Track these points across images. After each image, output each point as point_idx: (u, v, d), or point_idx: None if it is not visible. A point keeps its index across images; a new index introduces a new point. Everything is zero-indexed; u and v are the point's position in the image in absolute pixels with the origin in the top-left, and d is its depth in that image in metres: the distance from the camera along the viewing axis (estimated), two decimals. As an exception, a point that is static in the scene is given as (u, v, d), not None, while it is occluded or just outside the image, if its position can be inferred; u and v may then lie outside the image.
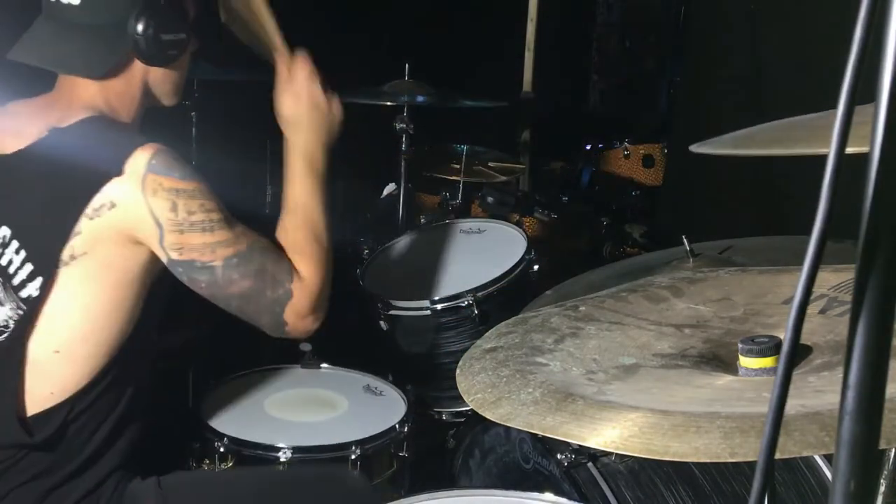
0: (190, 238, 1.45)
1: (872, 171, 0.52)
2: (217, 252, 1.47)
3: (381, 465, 1.99)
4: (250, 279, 1.51)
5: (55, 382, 1.46)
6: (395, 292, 2.49)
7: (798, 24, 3.23)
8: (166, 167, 1.44)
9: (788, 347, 0.56)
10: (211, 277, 1.48)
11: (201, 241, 1.46)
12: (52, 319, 1.44)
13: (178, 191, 1.44)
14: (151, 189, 1.42)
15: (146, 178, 1.42)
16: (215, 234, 1.47)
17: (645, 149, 4.34)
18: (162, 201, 1.42)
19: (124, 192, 1.42)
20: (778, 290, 1.13)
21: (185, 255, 1.46)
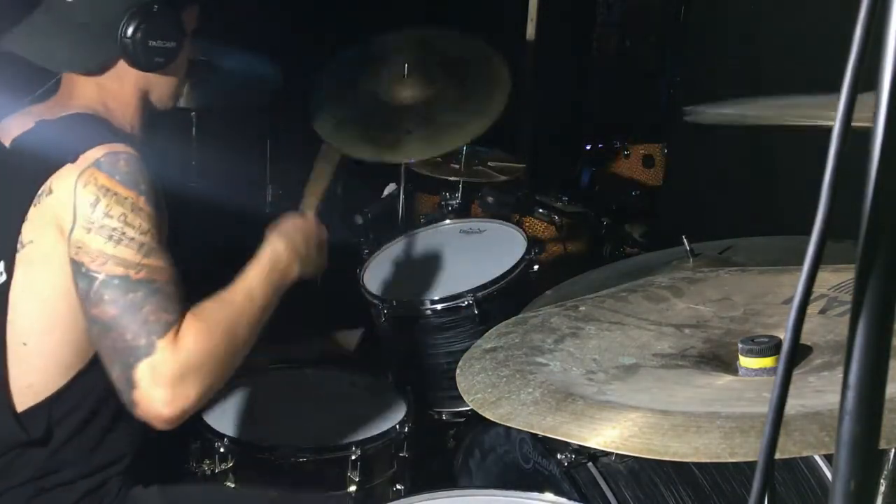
0: (91, 240, 1.35)
1: (872, 171, 0.52)
2: (106, 265, 1.34)
3: (381, 465, 1.98)
4: (117, 308, 1.33)
5: (31, 375, 1.45)
6: (395, 292, 2.49)
7: (798, 24, 3.23)
8: (112, 168, 1.38)
9: (788, 347, 0.56)
10: (86, 287, 1.34)
11: (100, 248, 1.34)
12: (15, 309, 1.44)
13: (108, 190, 1.36)
14: (84, 180, 1.37)
15: (86, 170, 1.38)
16: (118, 247, 1.34)
17: (645, 149, 4.34)
18: (88, 194, 1.36)
19: (61, 178, 1.39)
20: (778, 290, 1.13)
21: (79, 255, 1.35)
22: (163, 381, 1.32)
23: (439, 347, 2.43)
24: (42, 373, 1.46)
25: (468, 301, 2.35)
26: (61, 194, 1.39)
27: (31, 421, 1.46)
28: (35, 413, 1.46)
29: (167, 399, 1.32)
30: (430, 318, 2.41)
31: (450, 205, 3.09)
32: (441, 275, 2.55)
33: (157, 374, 1.32)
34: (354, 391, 2.19)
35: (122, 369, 1.33)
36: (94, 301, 1.34)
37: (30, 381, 1.46)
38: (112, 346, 1.34)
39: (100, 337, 1.35)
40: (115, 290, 1.34)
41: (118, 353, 1.33)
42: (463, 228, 2.76)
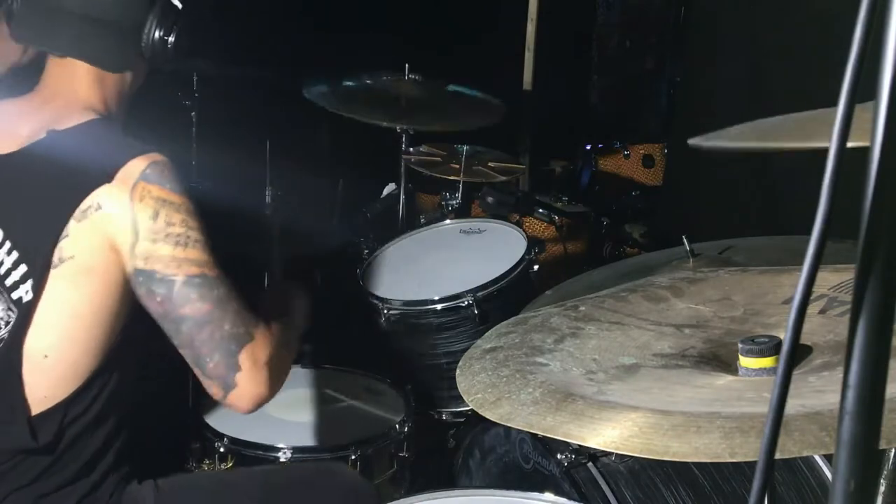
0: (160, 248, 1.41)
1: (872, 171, 0.52)
2: (182, 268, 1.41)
3: (381, 465, 1.99)
4: (210, 303, 1.42)
5: (47, 386, 1.45)
6: (395, 292, 2.49)
7: (798, 24, 3.24)
8: (159, 177, 1.43)
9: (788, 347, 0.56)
10: (167, 292, 1.41)
11: (170, 253, 1.41)
12: (42, 323, 1.44)
13: (164, 201, 1.42)
14: (139, 195, 1.41)
15: (137, 185, 1.41)
16: (187, 250, 1.42)
17: (645, 149, 4.34)
18: (146, 208, 1.41)
19: (112, 196, 1.41)
20: (778, 290, 1.13)
21: (149, 264, 1.41)
22: (263, 362, 1.44)
23: (439, 347, 2.43)
24: (58, 381, 1.46)
25: (468, 301, 2.35)
26: (116, 212, 1.41)
27: (41, 427, 1.46)
28: (48, 418, 1.46)
29: (266, 379, 1.45)
30: (430, 318, 2.41)
31: (450, 205, 3.09)
32: (441, 275, 2.55)
33: (258, 357, 1.44)
34: (354, 391, 2.19)
35: (224, 356, 1.42)
36: (181, 301, 1.41)
37: (45, 391, 1.46)
38: (210, 338, 1.42)
39: (192, 333, 1.42)
40: (200, 287, 1.42)
41: (218, 342, 1.42)
42: (463, 228, 2.76)
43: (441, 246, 2.70)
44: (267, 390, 1.46)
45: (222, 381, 1.43)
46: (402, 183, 3.30)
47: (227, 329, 1.42)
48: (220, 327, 1.42)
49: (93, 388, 1.48)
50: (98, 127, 1.50)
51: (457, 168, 3.09)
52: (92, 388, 1.48)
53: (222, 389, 1.44)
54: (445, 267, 2.59)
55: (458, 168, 3.08)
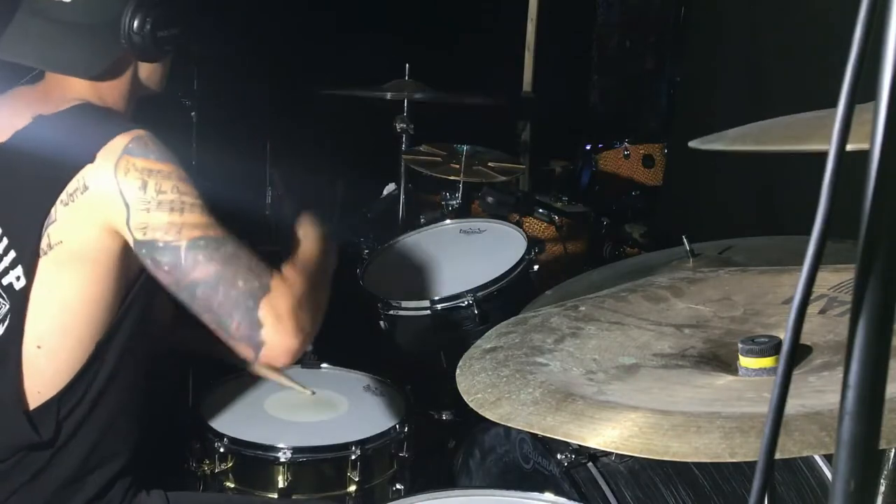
0: (156, 217, 1.38)
1: (872, 171, 0.52)
2: (183, 232, 1.38)
3: (381, 465, 1.98)
4: (218, 263, 1.38)
5: (40, 380, 1.45)
6: (395, 292, 2.49)
7: (798, 24, 3.24)
8: (143, 149, 1.40)
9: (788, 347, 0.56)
10: (173, 259, 1.38)
11: (167, 220, 1.38)
12: (34, 312, 1.43)
13: (150, 171, 1.39)
14: (123, 169, 1.39)
15: (120, 159, 1.39)
16: (184, 215, 1.39)
17: (645, 149, 4.35)
18: (132, 180, 1.38)
19: (97, 174, 1.39)
20: (778, 290, 1.13)
21: (148, 234, 1.38)
22: (286, 313, 1.40)
23: (439, 347, 2.43)
24: (52, 374, 1.45)
25: (468, 301, 2.35)
26: (102, 188, 1.39)
27: (40, 421, 1.45)
28: (44, 412, 1.45)
29: (293, 329, 1.40)
30: (429, 318, 2.41)
31: (450, 205, 3.09)
32: (441, 275, 2.55)
33: (279, 308, 1.39)
34: (354, 391, 2.19)
35: (243, 315, 1.38)
36: (189, 266, 1.38)
37: (40, 386, 1.45)
38: (226, 298, 1.38)
39: (208, 296, 1.39)
40: (205, 249, 1.39)
41: (234, 301, 1.38)
42: (463, 228, 2.76)
43: (441, 246, 2.70)
44: (297, 339, 1.41)
45: (249, 341, 1.39)
46: (402, 183, 3.30)
47: (241, 285, 1.39)
48: (234, 285, 1.38)
49: (83, 381, 1.47)
50: (83, 111, 1.48)
51: (457, 168, 3.09)
52: (83, 379, 1.47)
53: (252, 349, 1.40)
54: (445, 267, 2.59)
55: (458, 168, 3.09)
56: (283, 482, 1.88)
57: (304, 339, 1.42)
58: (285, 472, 1.88)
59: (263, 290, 1.40)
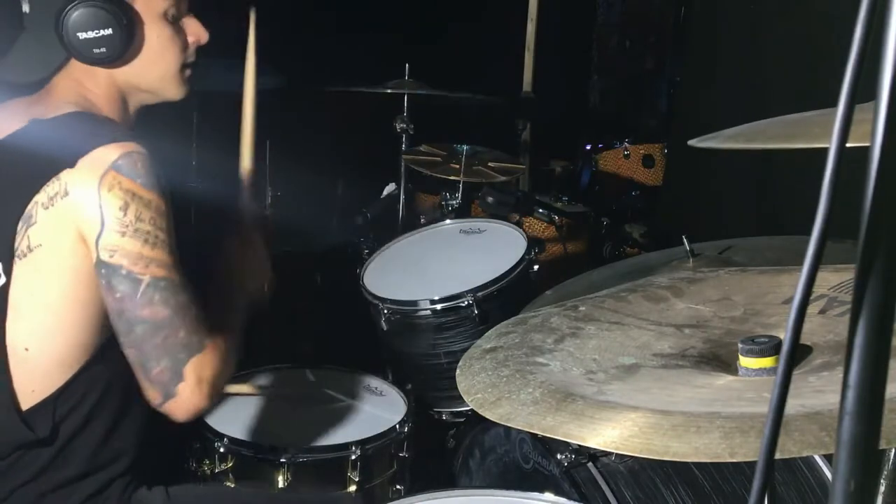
0: (128, 243, 1.37)
1: (872, 171, 0.52)
2: (150, 267, 1.38)
3: (381, 465, 1.99)
4: (170, 309, 1.39)
5: (34, 380, 1.45)
6: (395, 292, 2.49)
7: (798, 24, 3.24)
8: (132, 170, 1.38)
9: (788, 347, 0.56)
10: (130, 290, 1.38)
11: (139, 250, 1.37)
12: (18, 314, 1.43)
13: (135, 195, 1.38)
14: (108, 185, 1.37)
15: (107, 173, 1.37)
16: (155, 250, 1.38)
17: (645, 149, 4.35)
18: (115, 199, 1.37)
19: (80, 182, 1.38)
20: (778, 290, 1.13)
21: (115, 259, 1.37)
22: (207, 377, 1.42)
23: (439, 347, 2.43)
24: (45, 376, 1.45)
25: (468, 301, 2.35)
26: (82, 199, 1.38)
27: (36, 420, 1.45)
28: (39, 411, 1.45)
29: (207, 394, 1.43)
30: (430, 318, 2.41)
31: (450, 205, 3.09)
32: (441, 275, 2.55)
33: (203, 370, 1.42)
34: (354, 391, 2.19)
35: (170, 364, 1.40)
36: (143, 302, 1.38)
37: (33, 384, 1.45)
38: (162, 344, 1.39)
39: (146, 335, 1.39)
40: (163, 291, 1.39)
41: (168, 349, 1.40)
42: (463, 228, 2.76)
43: (441, 246, 2.70)
44: (206, 404, 1.44)
45: (163, 389, 1.41)
46: (402, 183, 3.30)
47: (182, 337, 1.40)
48: (175, 334, 1.40)
49: (83, 382, 1.46)
50: (78, 117, 1.47)
51: (457, 168, 3.09)
52: (81, 381, 1.46)
53: (161, 396, 1.42)
54: (445, 267, 2.59)
55: (458, 168, 3.09)
56: (283, 482, 1.89)
57: (209, 406, 1.46)
58: (285, 472, 1.89)
59: (198, 348, 1.42)
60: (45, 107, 1.49)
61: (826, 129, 0.84)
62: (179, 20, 1.56)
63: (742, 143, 0.99)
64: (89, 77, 1.52)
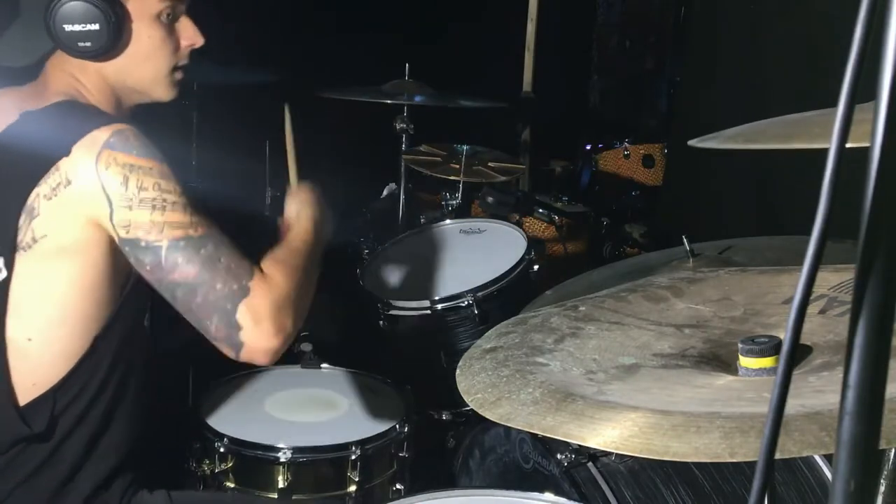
0: (138, 215, 1.38)
1: (872, 171, 0.52)
2: (164, 232, 1.38)
3: (381, 465, 1.99)
4: (197, 265, 1.38)
5: (35, 372, 1.45)
6: (395, 292, 2.49)
7: (798, 24, 3.24)
8: (124, 144, 1.39)
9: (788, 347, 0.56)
10: (155, 259, 1.38)
11: (149, 218, 1.38)
12: (21, 305, 1.43)
13: (131, 166, 1.38)
14: (104, 163, 1.38)
15: (101, 153, 1.38)
16: (166, 213, 1.38)
17: (645, 149, 4.35)
18: (113, 175, 1.37)
19: (78, 168, 1.38)
20: (778, 290, 1.13)
21: (131, 232, 1.38)
22: (265, 315, 1.40)
23: (439, 347, 2.43)
24: (47, 367, 1.45)
25: (468, 301, 2.35)
26: (84, 183, 1.38)
27: (33, 414, 1.45)
28: (37, 406, 1.45)
29: (272, 331, 1.40)
30: (429, 318, 2.41)
31: (450, 205, 3.09)
32: (441, 275, 2.55)
33: (258, 310, 1.40)
34: (354, 391, 2.19)
35: (222, 317, 1.39)
36: (169, 267, 1.39)
37: (34, 377, 1.45)
38: (205, 301, 1.39)
39: (187, 298, 1.39)
40: (185, 250, 1.39)
41: (213, 304, 1.39)
42: (463, 228, 2.76)
43: (441, 246, 2.70)
44: (277, 340, 1.41)
45: (229, 342, 1.41)
46: (402, 183, 3.30)
47: (220, 288, 1.39)
48: (213, 288, 1.39)
49: (81, 374, 1.47)
50: (67, 105, 1.47)
51: (457, 168, 3.09)
52: (80, 373, 1.46)
53: (232, 349, 1.42)
54: (445, 267, 2.59)
55: (458, 168, 3.09)
56: (283, 482, 1.89)
57: (286, 338, 1.43)
58: (285, 472, 1.89)
59: (242, 292, 1.40)
60: (36, 98, 1.49)
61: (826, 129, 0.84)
62: (174, 22, 1.56)
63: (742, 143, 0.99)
64: (81, 71, 1.52)
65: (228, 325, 1.39)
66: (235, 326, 1.39)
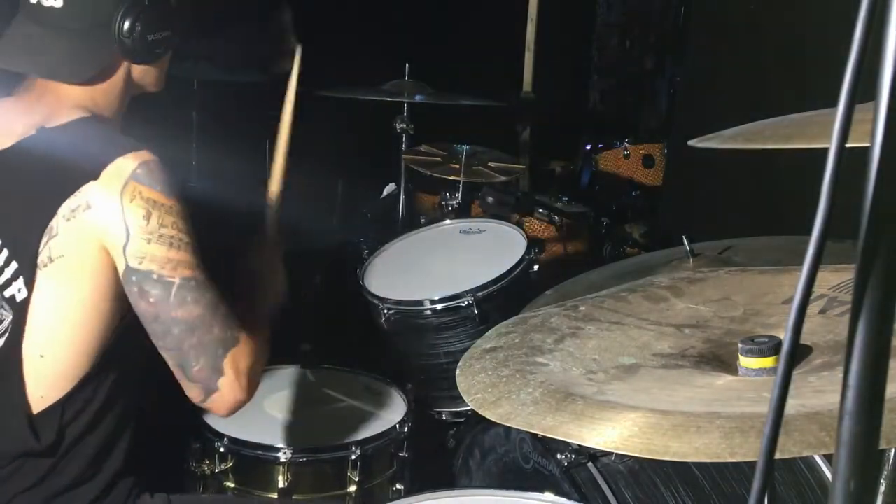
0: (155, 249, 1.41)
1: (872, 171, 0.52)
2: (178, 270, 1.42)
3: (381, 465, 1.99)
4: (202, 308, 1.43)
5: (44, 386, 1.46)
6: (395, 292, 2.49)
7: (798, 24, 3.23)
8: (150, 179, 1.41)
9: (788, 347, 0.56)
10: (163, 293, 1.42)
11: (166, 255, 1.41)
12: (36, 323, 1.44)
13: (155, 202, 1.41)
14: (129, 195, 1.40)
15: (127, 184, 1.40)
16: (180, 252, 1.42)
17: (645, 149, 4.34)
18: (137, 208, 1.40)
19: (101, 194, 1.40)
20: (778, 290, 1.13)
21: (145, 265, 1.41)
22: (245, 369, 1.46)
23: (439, 347, 2.43)
24: (55, 379, 1.46)
25: (468, 301, 2.35)
26: (105, 211, 1.40)
27: (41, 427, 1.46)
28: (44, 419, 1.46)
29: (246, 385, 1.47)
30: (430, 318, 2.41)
31: (450, 205, 3.09)
32: (441, 275, 2.55)
33: (241, 364, 1.46)
34: (354, 391, 2.19)
35: (209, 360, 1.44)
36: (177, 304, 1.42)
37: (42, 391, 1.46)
38: (199, 343, 1.43)
39: (183, 337, 1.43)
40: (194, 290, 1.42)
41: (205, 347, 1.43)
42: (463, 228, 2.76)
43: (441, 246, 2.70)
44: (246, 396, 1.47)
45: (205, 386, 1.45)
46: (402, 183, 3.30)
47: (217, 333, 1.43)
48: (210, 331, 1.43)
49: (89, 388, 1.48)
50: (88, 124, 1.48)
51: (457, 168, 3.09)
52: (88, 387, 1.47)
53: (203, 393, 1.45)
54: (445, 267, 2.59)
55: (458, 168, 3.09)
56: (283, 482, 1.89)
57: (249, 398, 1.49)
58: (285, 472, 1.89)
59: (233, 342, 1.45)
60: (46, 111, 1.49)
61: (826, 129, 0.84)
62: None
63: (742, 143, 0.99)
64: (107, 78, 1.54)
65: (212, 370, 1.44)
66: (218, 372, 1.44)
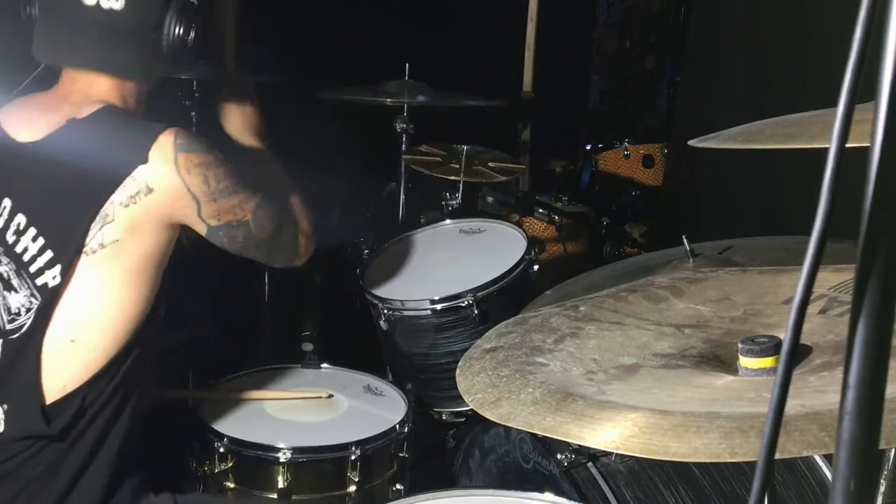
0: (223, 203, 1.57)
1: (872, 171, 0.52)
2: (246, 207, 1.61)
3: (381, 465, 1.99)
4: (276, 217, 1.67)
5: (67, 374, 1.47)
6: (395, 292, 2.49)
7: (798, 24, 3.23)
8: (190, 144, 1.52)
9: (788, 347, 0.56)
10: (247, 230, 1.62)
11: (231, 203, 1.58)
12: (70, 308, 1.47)
13: (204, 163, 1.53)
14: (185, 168, 1.50)
15: (177, 158, 1.49)
16: (239, 193, 1.60)
17: (645, 149, 4.34)
18: (195, 177, 1.52)
19: (159, 175, 1.48)
20: (778, 290, 1.13)
21: (222, 219, 1.58)
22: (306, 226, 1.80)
23: (439, 347, 2.43)
24: (80, 366, 1.48)
25: (468, 301, 2.35)
26: (170, 189, 1.51)
27: (56, 414, 1.47)
28: (62, 405, 1.47)
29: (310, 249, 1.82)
30: (429, 318, 2.41)
31: (450, 205, 3.09)
32: (441, 275, 2.55)
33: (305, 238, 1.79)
34: (355, 391, 2.19)
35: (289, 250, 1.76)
36: (259, 231, 1.65)
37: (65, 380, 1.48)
38: (287, 239, 1.74)
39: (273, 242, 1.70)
40: (263, 212, 1.66)
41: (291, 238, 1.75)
42: (463, 228, 2.75)
43: (441, 246, 2.69)
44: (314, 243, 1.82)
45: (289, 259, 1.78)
46: (402, 183, 3.30)
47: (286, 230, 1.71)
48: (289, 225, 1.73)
49: (111, 370, 1.50)
50: (110, 113, 1.54)
51: (457, 168, 3.09)
52: (111, 369, 1.50)
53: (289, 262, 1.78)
54: (445, 267, 2.59)
55: (458, 168, 3.08)
56: (283, 482, 1.88)
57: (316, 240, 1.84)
58: (285, 472, 1.89)
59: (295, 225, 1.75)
60: (75, 104, 1.53)
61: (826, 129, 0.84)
62: None
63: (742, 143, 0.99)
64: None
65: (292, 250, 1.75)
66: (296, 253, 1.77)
